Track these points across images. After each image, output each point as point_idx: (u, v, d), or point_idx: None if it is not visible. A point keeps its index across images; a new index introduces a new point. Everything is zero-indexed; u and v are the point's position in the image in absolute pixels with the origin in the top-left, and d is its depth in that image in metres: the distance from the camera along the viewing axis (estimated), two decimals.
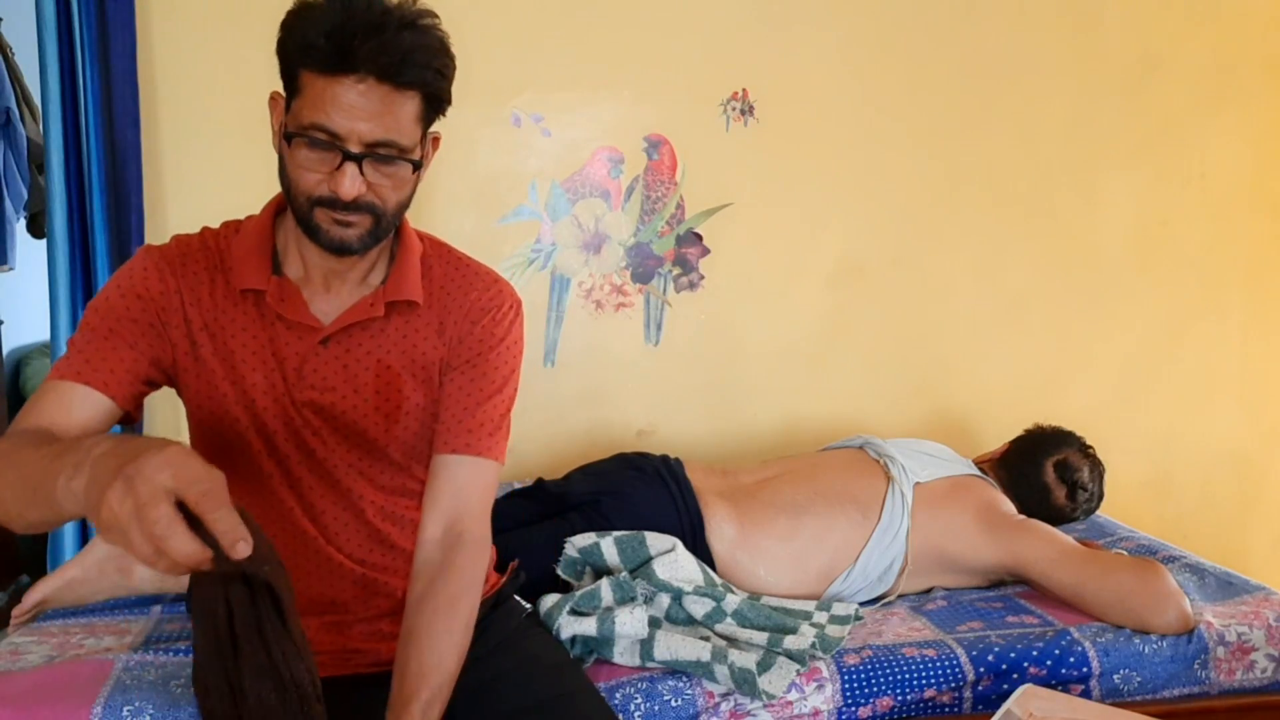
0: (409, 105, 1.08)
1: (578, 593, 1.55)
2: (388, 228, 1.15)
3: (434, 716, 1.11)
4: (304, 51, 1.05)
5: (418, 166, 1.12)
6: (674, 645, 1.48)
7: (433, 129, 1.16)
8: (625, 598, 1.55)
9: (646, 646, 1.49)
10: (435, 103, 1.12)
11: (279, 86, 1.14)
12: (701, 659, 1.46)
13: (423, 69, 1.06)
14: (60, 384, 1.11)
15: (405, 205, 1.16)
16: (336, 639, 1.25)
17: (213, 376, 1.19)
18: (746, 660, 1.46)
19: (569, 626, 1.49)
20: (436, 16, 1.10)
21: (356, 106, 1.04)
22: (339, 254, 1.14)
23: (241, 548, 0.72)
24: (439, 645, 1.15)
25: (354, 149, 1.06)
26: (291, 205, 1.14)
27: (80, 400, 1.10)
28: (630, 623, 1.49)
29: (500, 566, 1.46)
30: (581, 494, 1.81)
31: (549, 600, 1.54)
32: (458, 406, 1.24)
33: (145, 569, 1.69)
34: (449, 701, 1.18)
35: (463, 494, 1.23)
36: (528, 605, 1.43)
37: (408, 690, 1.12)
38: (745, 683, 1.44)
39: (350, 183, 1.07)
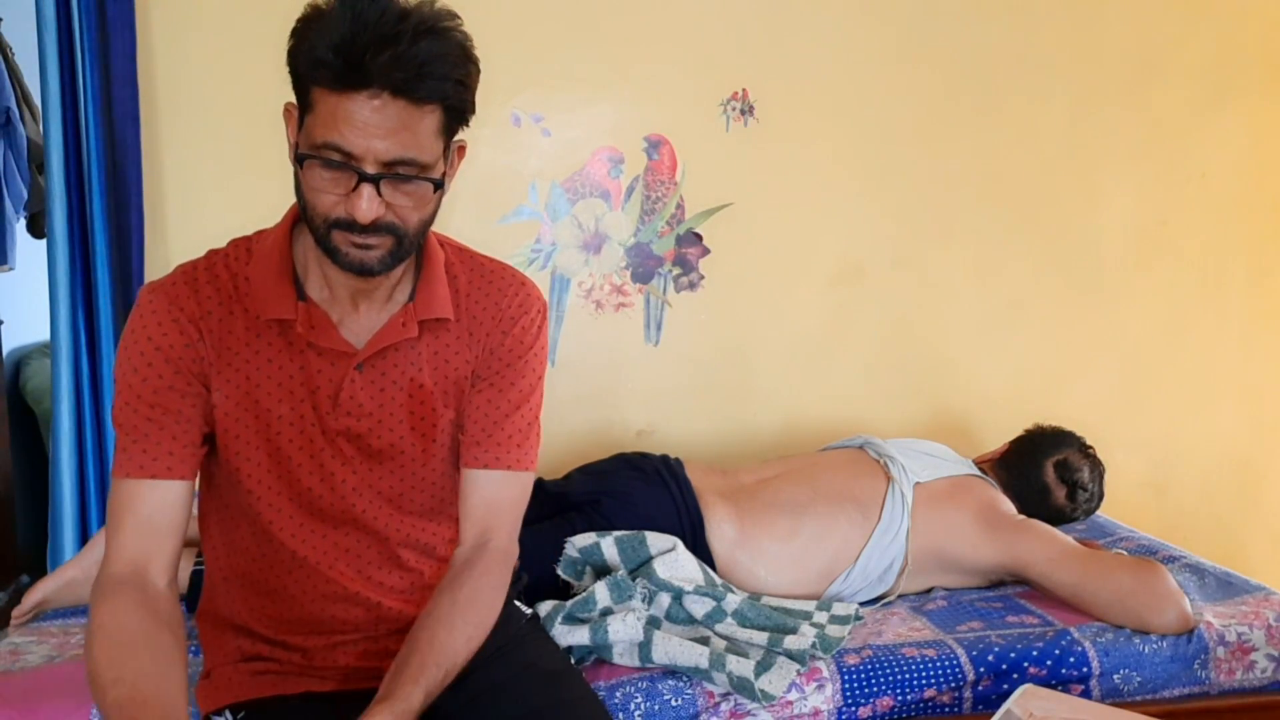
0: (428, 120, 1.01)
1: (569, 602, 1.55)
2: (410, 247, 1.09)
3: (427, 693, 1.09)
4: (314, 67, 0.98)
5: (439, 186, 1.06)
6: (672, 650, 1.48)
7: (457, 137, 1.09)
8: (622, 598, 1.55)
9: (645, 649, 1.49)
10: (457, 114, 1.05)
11: (280, 86, 1.08)
12: (700, 666, 1.46)
13: (442, 81, 0.99)
14: (128, 484, 1.10)
15: (429, 223, 1.10)
16: (339, 658, 1.24)
17: (234, 411, 1.15)
18: (744, 668, 1.45)
19: (563, 636, 1.49)
20: (457, 17, 1.02)
21: (371, 124, 0.97)
22: (360, 275, 1.08)
23: None
24: (452, 635, 1.15)
25: (370, 169, 1.00)
26: (309, 226, 1.08)
27: (156, 499, 1.10)
28: (623, 630, 1.49)
29: None
30: (582, 494, 1.81)
31: (545, 607, 1.54)
32: (486, 419, 1.22)
33: None
34: (449, 710, 1.18)
35: (493, 507, 1.23)
36: (528, 610, 1.42)
37: (410, 663, 1.11)
38: (744, 689, 1.44)
39: (367, 205, 1.00)
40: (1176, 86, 2.57)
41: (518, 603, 1.41)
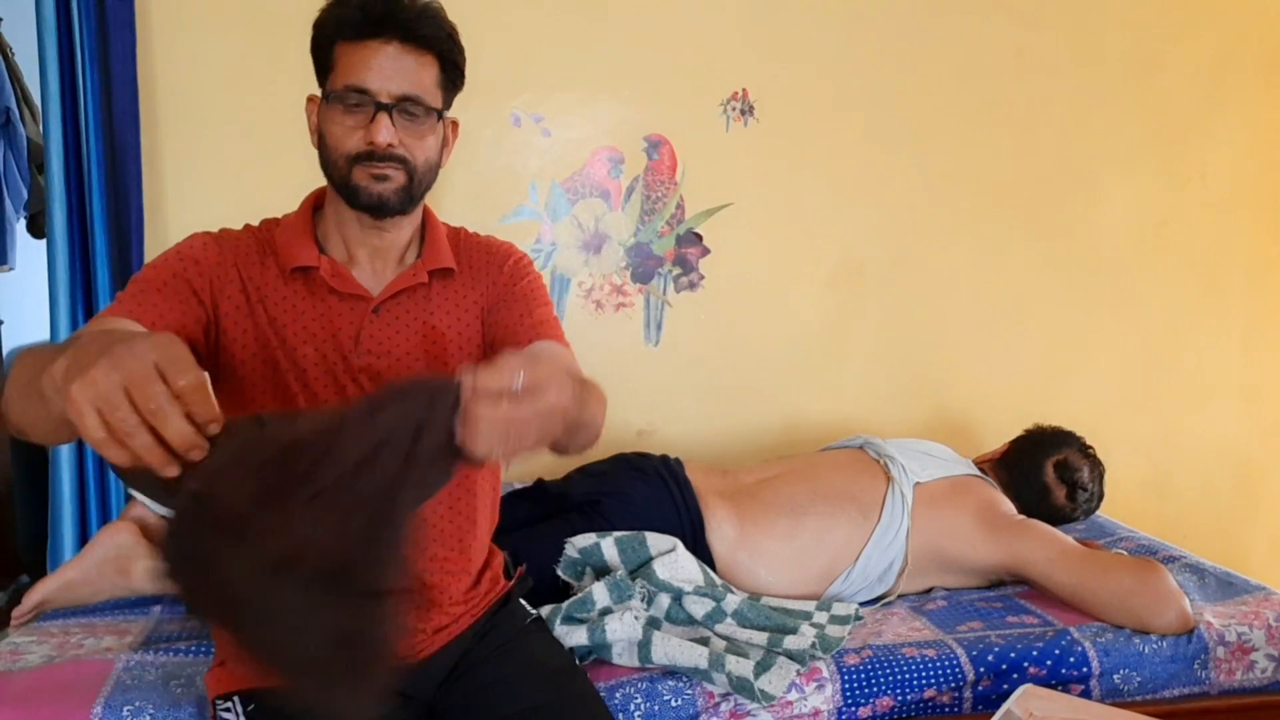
0: (429, 70, 1.19)
1: (566, 603, 1.55)
2: (419, 186, 1.23)
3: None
4: (340, 25, 1.17)
5: (440, 115, 1.23)
6: (671, 650, 1.48)
7: (451, 113, 1.25)
8: (622, 598, 1.55)
9: (644, 649, 1.49)
10: (451, 71, 1.22)
11: (280, 85, 1.15)
12: (699, 666, 1.46)
13: (438, 29, 1.19)
14: (107, 319, 1.12)
15: (432, 167, 1.24)
16: None
17: (260, 353, 1.23)
18: (744, 668, 1.45)
19: (562, 637, 1.49)
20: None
21: (385, 67, 1.16)
22: (379, 213, 1.21)
23: (195, 454, 0.70)
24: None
25: (385, 101, 1.17)
26: (332, 175, 1.22)
27: (127, 330, 1.10)
28: (621, 629, 1.49)
29: (505, 569, 1.47)
30: (582, 494, 1.81)
31: (543, 611, 1.53)
32: (510, 320, 1.31)
33: (144, 569, 1.70)
34: (451, 705, 1.18)
35: (557, 358, 1.22)
36: (533, 610, 1.43)
37: None
38: (744, 689, 1.44)
39: (385, 131, 1.17)
40: (1176, 86, 2.57)
41: (522, 601, 1.41)
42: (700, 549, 1.76)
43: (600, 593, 1.55)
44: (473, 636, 1.31)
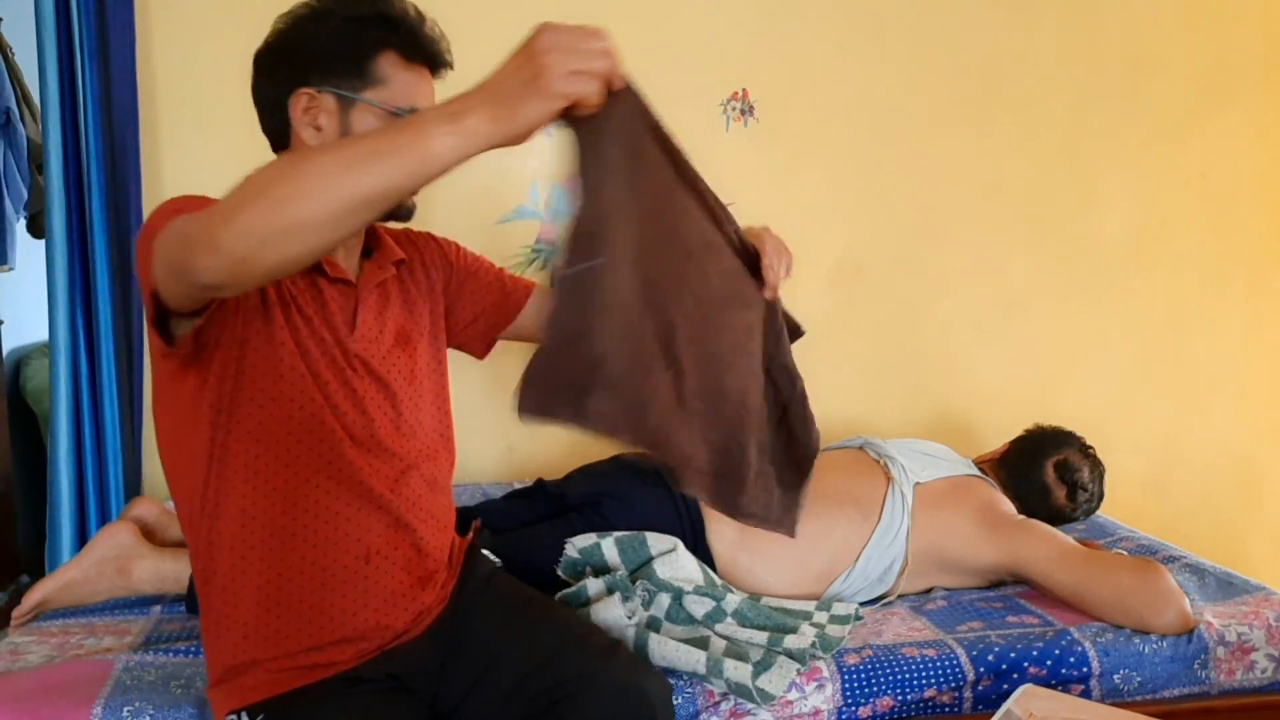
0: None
1: (559, 595, 1.56)
2: None
3: None
4: (390, 27, 1.22)
5: None
6: (669, 654, 1.48)
7: None
8: (620, 593, 1.56)
9: (641, 652, 1.49)
10: None
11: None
12: (698, 671, 1.46)
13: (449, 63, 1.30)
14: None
15: None
16: (358, 604, 1.25)
17: (272, 342, 1.22)
18: (742, 673, 1.45)
19: None
20: None
21: (430, 97, 1.26)
22: (404, 218, 1.28)
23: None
24: None
25: None
26: None
27: None
28: (600, 610, 1.50)
29: (509, 569, 1.50)
30: (582, 494, 1.81)
31: None
32: (490, 277, 1.49)
33: (144, 569, 1.70)
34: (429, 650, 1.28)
35: None
36: (497, 560, 1.50)
37: None
38: (743, 693, 1.44)
39: None
40: (1176, 86, 2.57)
41: (485, 552, 1.49)
42: (700, 549, 1.76)
43: (596, 587, 1.55)
44: (451, 598, 1.36)
